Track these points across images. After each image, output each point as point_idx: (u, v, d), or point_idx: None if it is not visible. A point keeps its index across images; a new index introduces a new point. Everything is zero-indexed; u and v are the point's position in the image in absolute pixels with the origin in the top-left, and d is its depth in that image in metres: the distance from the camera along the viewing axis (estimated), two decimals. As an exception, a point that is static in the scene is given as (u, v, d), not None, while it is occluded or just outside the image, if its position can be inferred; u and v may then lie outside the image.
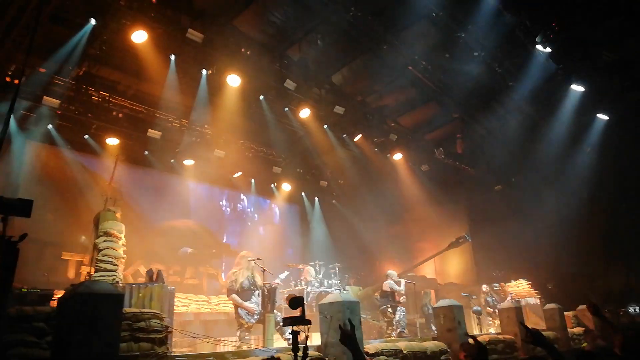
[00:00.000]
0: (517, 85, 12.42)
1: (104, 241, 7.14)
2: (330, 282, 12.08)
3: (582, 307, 12.49)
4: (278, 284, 9.15)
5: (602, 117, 13.80)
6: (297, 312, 4.81)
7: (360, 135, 13.39)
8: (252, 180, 15.36)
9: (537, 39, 10.95)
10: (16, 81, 9.68)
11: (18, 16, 8.65)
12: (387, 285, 10.43)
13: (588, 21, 10.77)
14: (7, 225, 4.32)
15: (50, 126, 10.74)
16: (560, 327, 10.88)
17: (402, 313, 10.28)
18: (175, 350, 6.18)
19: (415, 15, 10.36)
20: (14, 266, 3.80)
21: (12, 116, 9.01)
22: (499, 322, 10.61)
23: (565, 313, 11.54)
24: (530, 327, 3.27)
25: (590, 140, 14.43)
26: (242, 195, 15.90)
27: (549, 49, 11.10)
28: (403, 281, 10.73)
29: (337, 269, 12.44)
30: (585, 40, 11.58)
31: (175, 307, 7.91)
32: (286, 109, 12.23)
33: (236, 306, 7.92)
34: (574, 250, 15.21)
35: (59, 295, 4.63)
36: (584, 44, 11.73)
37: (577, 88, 12.42)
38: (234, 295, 7.88)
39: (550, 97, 13.11)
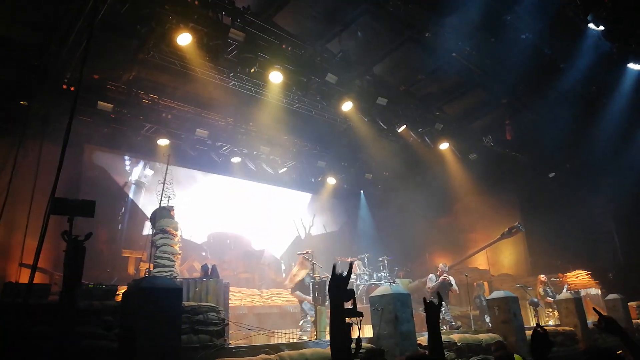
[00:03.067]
0: (569, 67, 11.85)
1: (161, 238, 7.43)
2: (379, 274, 12.06)
3: (646, 297, 11.87)
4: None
5: (664, 96, 12.96)
6: (349, 304, 4.82)
7: (404, 126, 13.20)
8: (298, 175, 15.49)
9: (589, 18, 10.38)
10: (72, 88, 10.21)
11: (71, 27, 9.10)
12: (427, 281, 10.46)
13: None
14: (73, 226, 4.61)
15: (105, 130, 11.24)
16: (623, 318, 10.39)
17: (444, 310, 10.16)
18: (232, 342, 6.37)
19: (457, 0, 10.09)
20: (82, 263, 4.06)
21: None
22: (558, 314, 10.26)
23: (629, 304, 11.01)
24: (598, 317, 3.08)
25: (650, 121, 13.60)
26: (288, 190, 16.07)
27: (601, 27, 10.51)
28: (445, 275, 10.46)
29: (385, 261, 12.39)
30: (640, 16, 10.89)
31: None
32: (327, 103, 12.25)
33: (300, 301, 8.34)
34: (635, 238, 14.44)
35: (123, 291, 4.87)
36: (639, 20, 11.03)
37: (635, 67, 11.71)
38: (298, 292, 8.30)
39: (606, 78, 12.42)
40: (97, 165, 12.04)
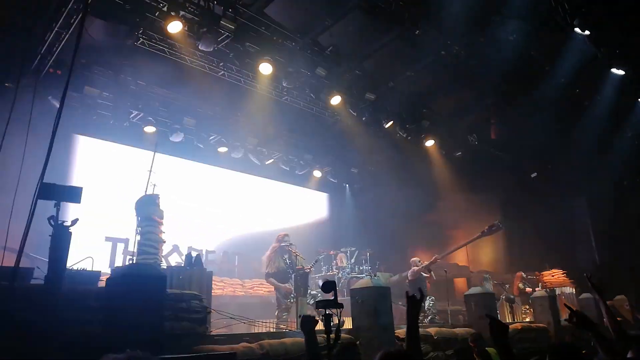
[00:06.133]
0: (554, 70, 12.09)
1: (146, 225, 7.45)
2: (361, 268, 12.23)
3: (620, 297, 12.24)
4: (310, 268, 9.34)
5: (645, 101, 13.29)
6: (330, 296, 4.94)
7: (391, 122, 13.33)
8: (285, 167, 15.53)
9: (575, 22, 10.58)
10: (58, 72, 10.09)
11: (60, 6, 8.96)
12: (410, 273, 10.64)
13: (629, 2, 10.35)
14: (59, 211, 4.64)
15: (91, 116, 11.14)
16: (596, 317, 10.71)
17: (431, 302, 10.36)
18: (213, 331, 6.45)
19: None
20: (67, 248, 4.11)
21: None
22: (533, 311, 10.55)
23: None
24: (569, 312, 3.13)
25: (631, 125, 13.95)
26: (274, 182, 16.11)
27: (587, 32, 10.73)
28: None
29: (368, 255, 12.56)
30: (626, 22, 11.13)
31: (211, 290, 8.21)
32: (316, 96, 12.29)
33: (276, 288, 8.45)
34: (612, 239, 14.85)
35: (106, 276, 4.91)
36: (624, 26, 11.27)
37: (618, 72, 11.98)
38: (272, 279, 8.37)
39: (589, 81, 12.69)
40: (81, 151, 11.94)
